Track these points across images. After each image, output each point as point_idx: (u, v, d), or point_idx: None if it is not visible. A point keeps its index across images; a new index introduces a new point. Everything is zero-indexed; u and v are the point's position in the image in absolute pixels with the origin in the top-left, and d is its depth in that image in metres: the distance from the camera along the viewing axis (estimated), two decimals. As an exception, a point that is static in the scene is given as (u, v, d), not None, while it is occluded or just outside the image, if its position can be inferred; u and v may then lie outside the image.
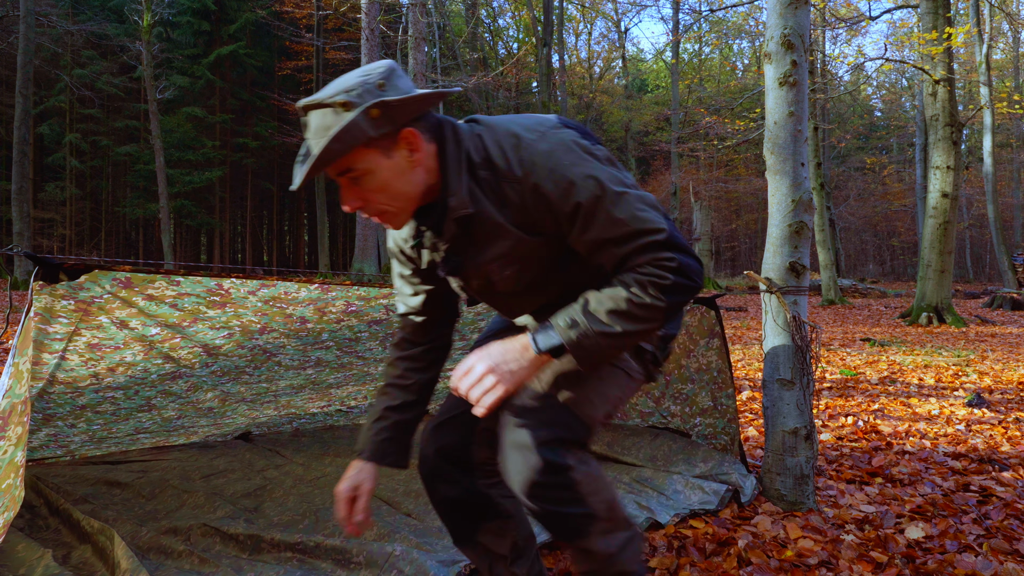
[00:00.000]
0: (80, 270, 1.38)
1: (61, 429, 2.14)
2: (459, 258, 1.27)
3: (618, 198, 1.13)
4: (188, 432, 2.73)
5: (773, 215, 2.40)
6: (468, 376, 1.17)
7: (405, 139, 1.15)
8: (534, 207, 1.16)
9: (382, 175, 1.14)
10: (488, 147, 1.18)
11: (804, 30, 2.41)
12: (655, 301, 1.12)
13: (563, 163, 1.14)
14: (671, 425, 2.87)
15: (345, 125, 1.07)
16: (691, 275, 1.13)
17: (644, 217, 1.13)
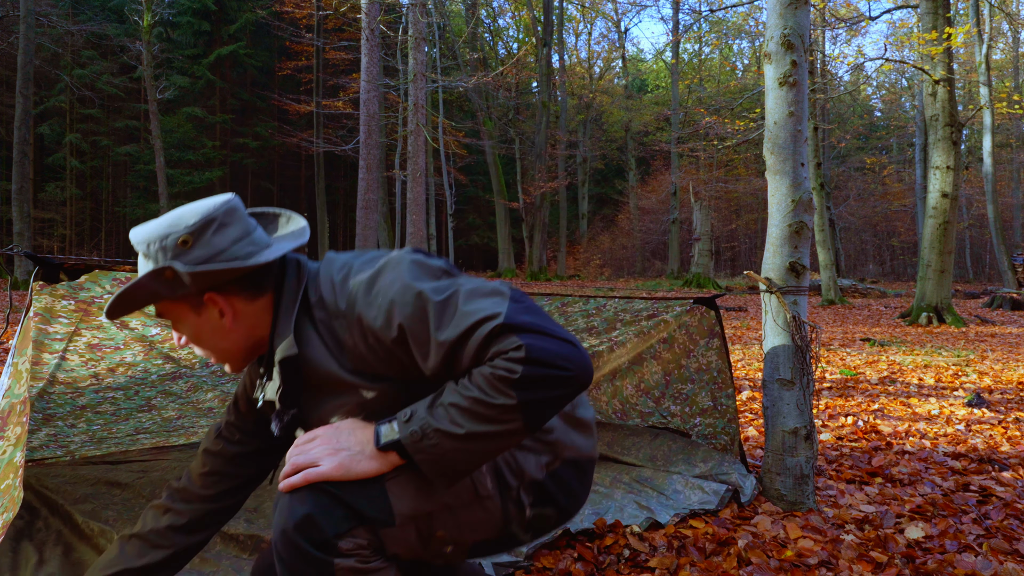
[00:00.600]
0: (80, 270, 1.38)
1: (61, 429, 2.14)
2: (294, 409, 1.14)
3: (443, 308, 0.97)
4: (188, 432, 2.73)
5: (773, 215, 2.40)
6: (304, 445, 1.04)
7: (210, 302, 1.09)
8: (366, 345, 1.03)
9: (192, 328, 1.10)
10: (321, 283, 1.09)
11: (804, 30, 2.41)
12: (502, 399, 0.92)
13: (383, 285, 1.01)
14: (671, 425, 2.87)
15: (137, 281, 1.03)
16: (549, 361, 0.92)
17: (473, 309, 0.96)
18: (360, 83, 14.67)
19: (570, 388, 0.95)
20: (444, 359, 0.98)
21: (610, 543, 1.99)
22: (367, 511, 1.00)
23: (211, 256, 1.05)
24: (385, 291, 1.01)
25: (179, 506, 1.28)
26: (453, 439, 0.95)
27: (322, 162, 26.10)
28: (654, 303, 2.48)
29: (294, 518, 0.98)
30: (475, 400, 0.94)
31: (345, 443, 1.02)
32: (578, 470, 1.20)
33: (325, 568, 0.97)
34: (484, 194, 31.22)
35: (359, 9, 15.47)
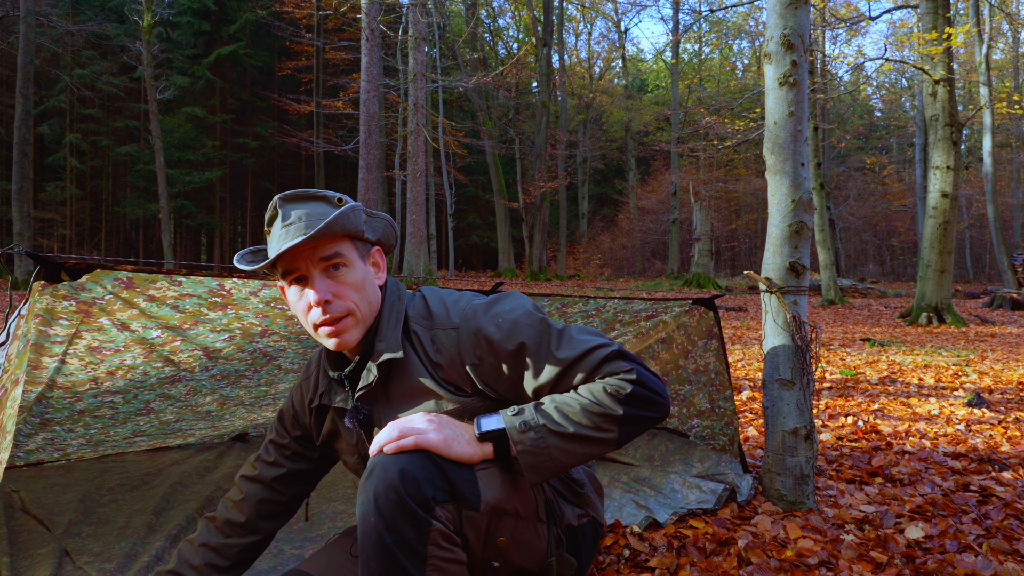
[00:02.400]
0: (82, 270, 1.38)
1: (58, 434, 2.14)
2: (369, 410, 1.19)
3: (560, 334, 1.13)
4: (185, 434, 2.73)
5: (773, 215, 2.40)
6: (407, 421, 1.08)
7: (374, 256, 1.21)
8: (471, 357, 1.12)
9: (359, 273, 1.15)
10: (429, 302, 1.20)
11: (804, 30, 2.41)
12: (610, 409, 1.05)
13: (504, 309, 1.14)
14: (668, 425, 2.87)
15: (349, 208, 1.11)
16: (651, 388, 1.09)
17: (588, 339, 1.12)
18: (360, 83, 14.66)
19: (659, 414, 1.10)
20: (558, 376, 1.11)
21: (610, 543, 1.99)
22: (462, 489, 1.05)
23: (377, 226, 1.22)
24: (508, 313, 1.14)
25: (214, 541, 1.30)
26: (556, 436, 1.05)
27: (322, 162, 26.09)
28: (653, 304, 2.48)
29: (401, 475, 1.01)
30: (585, 406, 1.06)
31: (447, 423, 1.09)
32: (594, 531, 1.31)
33: (423, 526, 1.00)
34: (484, 194, 31.22)
35: (359, 9, 15.47)
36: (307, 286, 1.12)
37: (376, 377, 1.16)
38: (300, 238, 1.05)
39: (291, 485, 1.35)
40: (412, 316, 1.19)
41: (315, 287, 1.11)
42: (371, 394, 1.19)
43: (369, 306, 1.16)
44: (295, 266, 1.11)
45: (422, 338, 1.16)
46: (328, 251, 1.11)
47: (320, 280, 1.11)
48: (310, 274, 1.11)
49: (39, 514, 2.08)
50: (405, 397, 1.17)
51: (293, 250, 1.09)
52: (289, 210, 1.11)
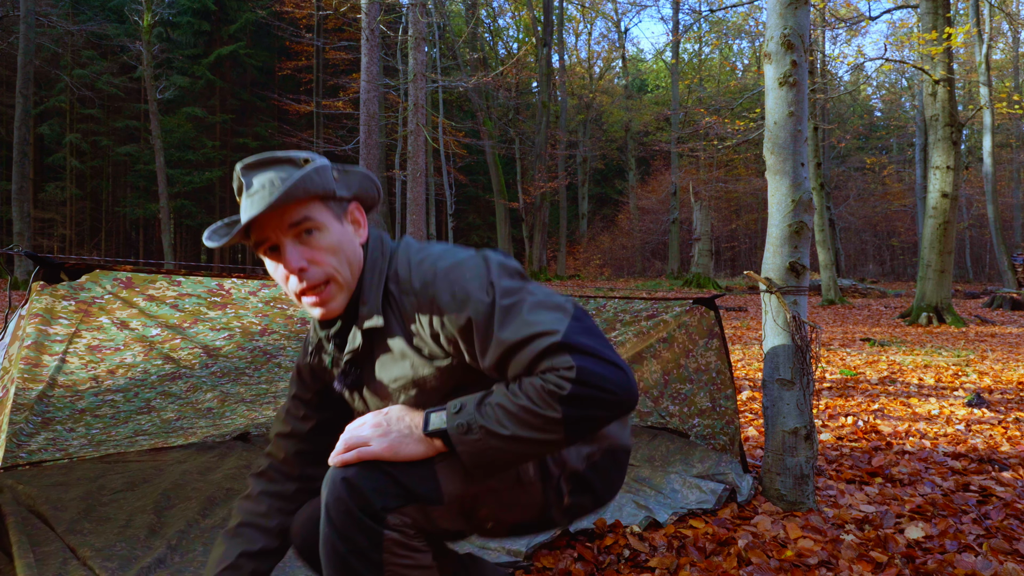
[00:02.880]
0: (81, 270, 1.38)
1: (60, 433, 2.14)
2: (358, 373, 1.19)
3: (509, 309, 1.03)
4: (187, 433, 2.73)
5: (773, 215, 2.40)
6: (356, 428, 1.09)
7: (352, 213, 1.14)
8: (429, 322, 1.08)
9: (335, 235, 1.09)
10: (399, 261, 1.14)
11: (804, 30, 2.41)
12: (548, 411, 0.98)
13: (462, 275, 1.06)
14: (669, 425, 2.87)
15: (314, 168, 1.06)
16: (598, 384, 0.97)
17: (535, 320, 1.02)
18: (360, 83, 14.66)
19: (613, 411, 1.01)
20: (499, 359, 1.03)
21: (610, 543, 1.99)
22: (418, 489, 1.05)
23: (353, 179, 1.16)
24: (464, 282, 1.06)
25: (272, 488, 1.32)
26: (496, 438, 1.01)
27: (322, 162, 26.08)
28: (653, 303, 2.48)
29: (348, 488, 1.02)
30: (523, 408, 1.00)
31: (395, 427, 1.07)
32: (615, 460, 1.25)
33: (374, 536, 1.01)
34: (484, 194, 31.21)
35: (359, 9, 15.47)
36: (280, 254, 1.09)
37: (361, 343, 1.14)
38: (261, 207, 1.01)
39: (327, 433, 1.33)
40: (389, 275, 1.14)
41: (288, 256, 1.07)
42: (359, 357, 1.17)
43: (351, 268, 1.12)
44: (265, 236, 1.07)
45: (396, 298, 1.12)
46: (296, 216, 1.06)
47: (292, 248, 1.07)
48: (282, 242, 1.07)
49: (43, 512, 2.08)
50: (386, 362, 1.15)
51: (260, 219, 1.05)
52: (251, 178, 1.07)
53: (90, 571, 1.71)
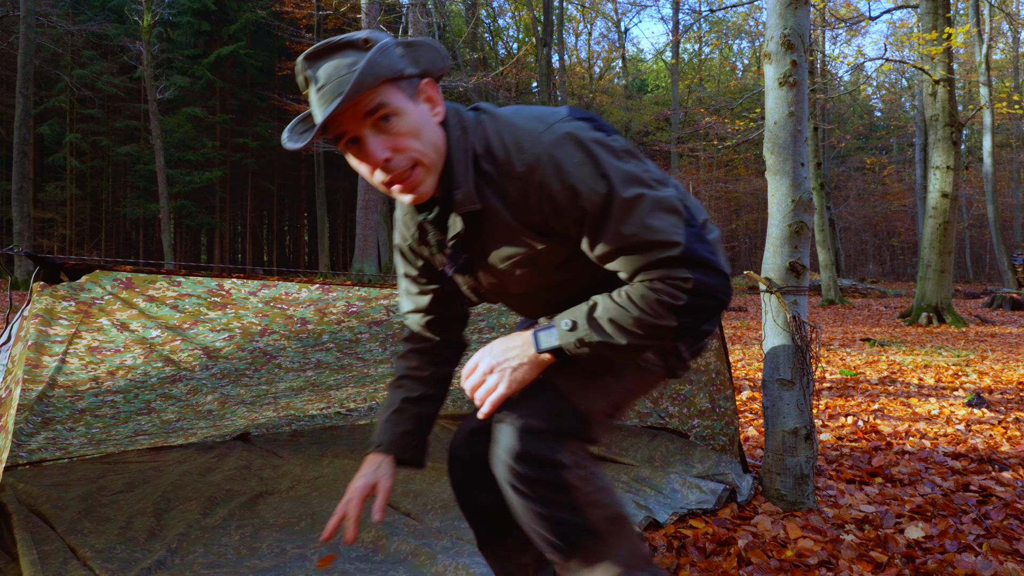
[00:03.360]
0: (81, 270, 1.38)
1: (60, 433, 2.14)
2: (466, 256, 1.17)
3: (628, 205, 1.01)
4: (187, 433, 2.73)
5: (773, 215, 2.40)
6: (472, 376, 1.12)
7: (425, 90, 1.07)
8: (539, 206, 1.05)
9: (413, 117, 1.03)
10: (490, 138, 1.07)
11: (804, 30, 2.41)
12: (664, 321, 1.02)
13: (570, 160, 1.02)
14: (669, 426, 2.87)
15: (375, 53, 0.99)
16: (710, 293, 1.02)
17: (656, 227, 1.01)
18: (360, 83, 14.64)
19: (714, 315, 1.06)
20: (613, 253, 1.04)
21: (610, 543, 1.99)
22: (569, 428, 1.09)
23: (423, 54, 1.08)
24: (571, 168, 1.02)
25: (416, 346, 1.38)
26: (612, 348, 1.05)
27: (322, 162, 26.08)
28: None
29: (512, 454, 1.06)
30: (637, 320, 1.02)
31: (507, 361, 1.11)
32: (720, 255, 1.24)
33: (561, 485, 1.06)
34: (484, 194, 31.20)
35: (359, 9, 15.46)
36: (362, 147, 1.03)
37: (463, 227, 1.12)
38: (334, 104, 0.96)
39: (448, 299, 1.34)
40: (480, 154, 1.07)
41: (370, 148, 1.02)
42: (464, 239, 1.14)
43: (435, 149, 1.06)
44: (343, 129, 1.02)
45: (495, 179, 1.07)
46: (370, 104, 1.00)
47: (373, 139, 1.02)
48: (361, 134, 1.02)
49: (44, 511, 2.08)
50: (496, 239, 1.12)
51: (334, 116, 0.99)
52: (315, 70, 1.01)
53: (90, 571, 1.72)
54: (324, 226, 26.74)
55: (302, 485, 2.44)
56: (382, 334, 2.13)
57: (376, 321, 2.02)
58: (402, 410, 1.34)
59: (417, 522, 2.10)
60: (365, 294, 1.84)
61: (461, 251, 1.16)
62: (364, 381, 2.57)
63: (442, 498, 2.28)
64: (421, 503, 2.25)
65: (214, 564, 1.79)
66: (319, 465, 2.66)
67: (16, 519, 1.94)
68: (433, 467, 2.63)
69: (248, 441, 3.03)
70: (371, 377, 2.53)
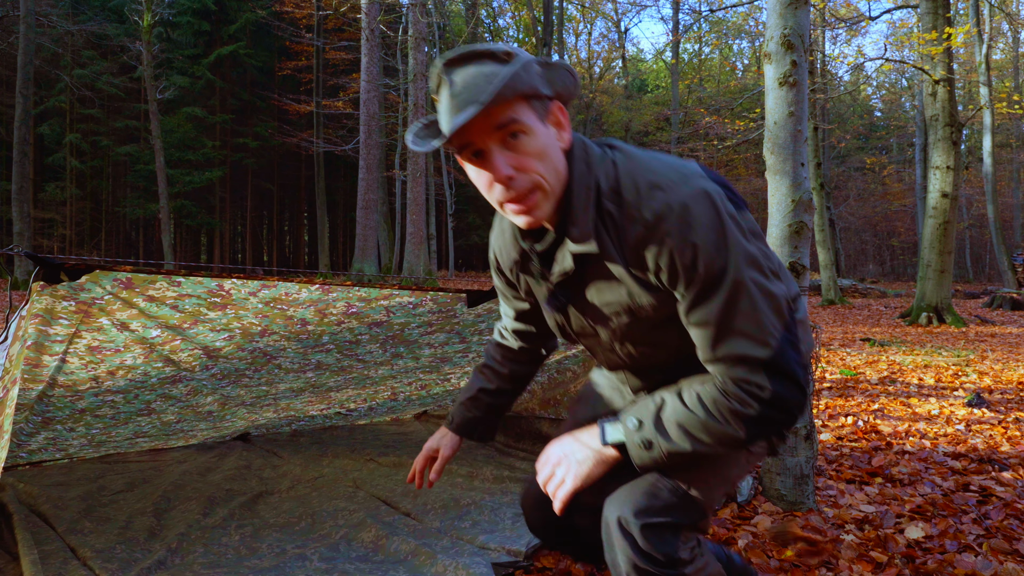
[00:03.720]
0: (81, 270, 1.38)
1: (60, 433, 2.14)
2: (567, 294, 1.14)
3: (740, 287, 0.98)
4: (187, 435, 2.73)
5: (773, 215, 2.40)
6: (543, 469, 1.14)
7: (555, 113, 1.03)
8: (655, 257, 1.01)
9: (541, 138, 0.99)
10: (621, 177, 1.03)
11: (804, 30, 2.41)
12: (731, 430, 0.99)
13: (701, 221, 0.98)
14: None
15: (521, 65, 0.96)
16: (784, 408, 0.98)
17: (758, 321, 0.98)
18: (360, 83, 14.66)
19: (787, 427, 1.04)
20: (705, 326, 1.01)
21: (610, 543, 1.99)
22: (687, 520, 1.09)
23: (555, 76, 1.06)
24: (698, 232, 0.98)
25: (504, 343, 1.46)
26: (676, 455, 1.03)
27: (322, 162, 26.09)
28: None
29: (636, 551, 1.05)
30: (704, 425, 1.01)
31: (572, 453, 1.11)
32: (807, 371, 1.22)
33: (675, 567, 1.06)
34: (484, 194, 31.18)
35: (359, 9, 15.46)
36: (486, 160, 1.00)
37: (572, 267, 1.08)
38: (470, 111, 0.92)
39: (538, 319, 1.37)
40: (604, 191, 1.03)
41: (495, 162, 0.98)
42: (567, 279, 1.12)
43: (557, 175, 1.02)
44: (469, 140, 0.98)
45: (616, 220, 1.03)
46: (503, 118, 0.96)
47: (499, 153, 0.98)
48: (487, 147, 0.98)
49: (44, 511, 2.08)
50: (601, 283, 1.09)
51: (465, 124, 0.95)
52: (454, 75, 0.97)
53: (90, 571, 1.72)
54: (324, 226, 26.75)
55: (302, 485, 2.44)
56: (382, 335, 2.13)
57: (376, 322, 2.02)
58: (476, 399, 1.44)
59: (417, 522, 2.10)
60: (365, 295, 1.84)
61: (564, 289, 1.13)
62: (364, 382, 2.57)
63: (442, 498, 2.28)
64: (421, 503, 2.25)
65: (214, 564, 1.79)
66: (319, 465, 2.66)
67: (17, 519, 1.94)
68: (433, 467, 2.63)
69: (248, 441, 3.03)
70: (371, 379, 2.53)
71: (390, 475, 2.56)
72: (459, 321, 2.15)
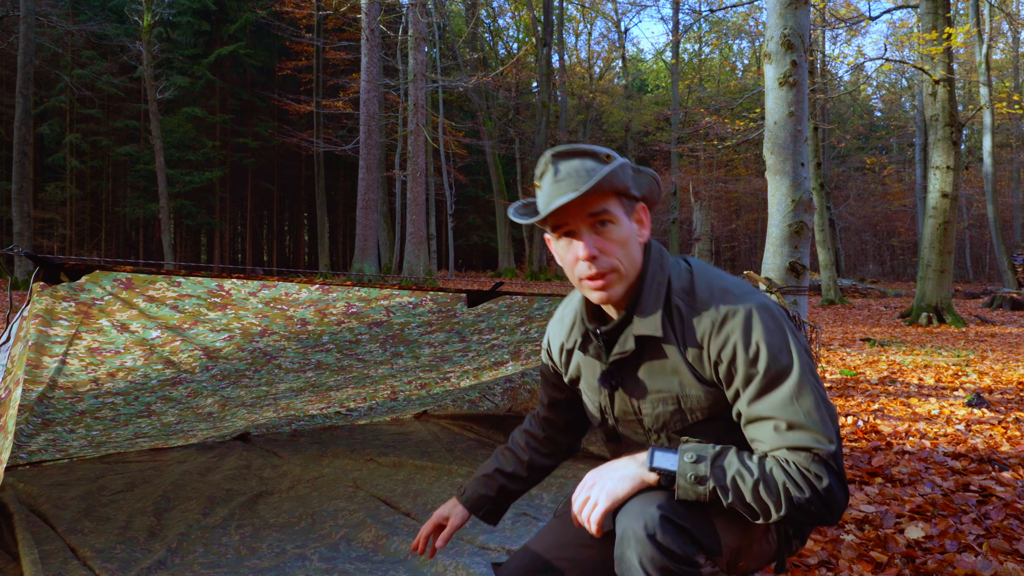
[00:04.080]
0: (81, 271, 1.38)
1: (60, 434, 2.14)
2: (621, 376, 1.23)
3: (805, 387, 1.07)
4: (187, 435, 2.73)
5: (773, 215, 2.40)
6: (580, 493, 1.16)
7: (639, 212, 1.19)
8: (716, 352, 1.12)
9: (624, 230, 1.15)
10: (696, 280, 1.18)
11: (804, 30, 2.41)
12: (774, 502, 1.04)
13: (767, 326, 1.10)
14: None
15: (617, 165, 1.12)
16: (829, 503, 1.04)
17: (821, 421, 1.06)
18: (360, 83, 14.66)
19: (819, 523, 1.08)
20: (769, 420, 1.08)
21: (610, 543, 1.99)
22: (703, 540, 1.10)
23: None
24: (763, 332, 1.10)
25: (530, 429, 1.52)
26: (715, 498, 1.06)
27: (322, 162, 26.09)
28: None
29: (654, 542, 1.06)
30: (754, 488, 1.05)
31: (608, 474, 1.15)
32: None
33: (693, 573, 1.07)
34: (484, 194, 31.20)
35: (359, 9, 15.46)
36: (575, 240, 1.14)
37: (632, 349, 1.18)
38: (571, 195, 1.07)
39: (568, 411, 1.47)
40: (676, 289, 1.17)
41: (584, 242, 1.13)
42: (624, 360, 1.22)
43: (632, 264, 1.16)
44: (564, 221, 1.13)
45: (683, 315, 1.15)
46: (596, 208, 1.12)
47: (588, 236, 1.13)
48: (578, 229, 1.13)
49: (44, 511, 2.08)
50: (655, 371, 1.19)
51: (563, 206, 1.10)
52: (560, 165, 1.13)
53: (90, 571, 1.72)
54: (324, 226, 26.74)
55: (302, 485, 2.44)
56: (382, 335, 2.13)
57: (376, 322, 2.02)
58: (492, 477, 1.47)
59: (417, 522, 2.10)
60: (365, 295, 1.84)
61: (619, 369, 1.23)
62: (364, 382, 2.57)
63: (442, 498, 2.28)
64: (421, 503, 2.25)
65: (214, 564, 1.79)
66: (319, 465, 2.66)
67: (17, 519, 1.94)
68: (433, 467, 2.63)
69: (248, 441, 3.03)
70: (371, 378, 2.53)
71: (390, 475, 2.56)
72: (459, 321, 2.14)
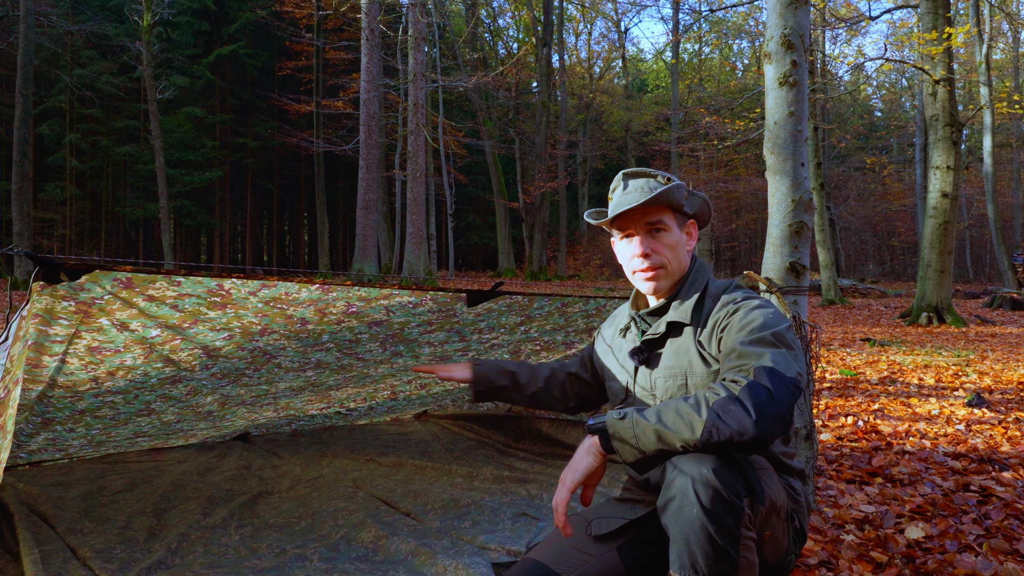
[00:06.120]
0: (81, 270, 1.38)
1: (60, 433, 2.14)
2: (648, 352, 1.48)
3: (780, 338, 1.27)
4: (187, 435, 2.73)
5: (773, 215, 2.40)
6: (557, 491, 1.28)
7: (689, 228, 1.51)
8: (721, 327, 1.36)
9: (675, 237, 1.46)
10: (731, 287, 1.48)
11: (804, 30, 2.41)
12: (695, 410, 1.15)
13: (765, 314, 1.33)
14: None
15: (674, 185, 1.42)
16: (751, 404, 1.13)
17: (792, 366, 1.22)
18: (360, 83, 14.65)
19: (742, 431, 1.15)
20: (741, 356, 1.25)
21: (610, 543, 1.99)
22: (754, 484, 1.22)
23: None
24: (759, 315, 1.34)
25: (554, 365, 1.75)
26: (643, 428, 1.18)
27: (322, 162, 26.09)
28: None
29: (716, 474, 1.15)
30: (676, 407, 1.18)
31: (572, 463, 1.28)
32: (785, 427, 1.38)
33: (738, 513, 1.16)
34: (484, 194, 31.21)
35: (359, 9, 15.46)
36: (633, 240, 1.45)
37: (663, 332, 1.45)
38: (635, 203, 1.38)
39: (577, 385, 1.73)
40: (711, 291, 1.45)
41: (640, 242, 1.44)
42: (655, 341, 1.48)
43: (679, 265, 1.46)
44: (628, 225, 1.45)
45: (708, 307, 1.42)
46: (654, 217, 1.43)
47: (644, 238, 1.44)
48: (638, 232, 1.45)
49: (44, 511, 2.08)
50: (673, 351, 1.44)
51: (628, 212, 1.42)
52: (629, 182, 1.46)
53: (90, 571, 1.71)
54: (324, 226, 26.75)
55: (302, 485, 2.43)
56: (382, 334, 2.13)
57: (376, 321, 2.02)
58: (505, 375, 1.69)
59: (417, 522, 2.10)
60: (365, 294, 1.84)
61: (649, 347, 1.49)
62: (364, 381, 2.57)
63: (442, 498, 2.28)
64: (421, 503, 2.25)
65: (214, 564, 1.79)
66: (319, 465, 2.66)
67: (18, 519, 1.94)
68: (433, 467, 2.63)
69: (248, 441, 3.03)
70: (371, 377, 2.53)
71: (390, 475, 2.56)
72: (459, 320, 2.14)
